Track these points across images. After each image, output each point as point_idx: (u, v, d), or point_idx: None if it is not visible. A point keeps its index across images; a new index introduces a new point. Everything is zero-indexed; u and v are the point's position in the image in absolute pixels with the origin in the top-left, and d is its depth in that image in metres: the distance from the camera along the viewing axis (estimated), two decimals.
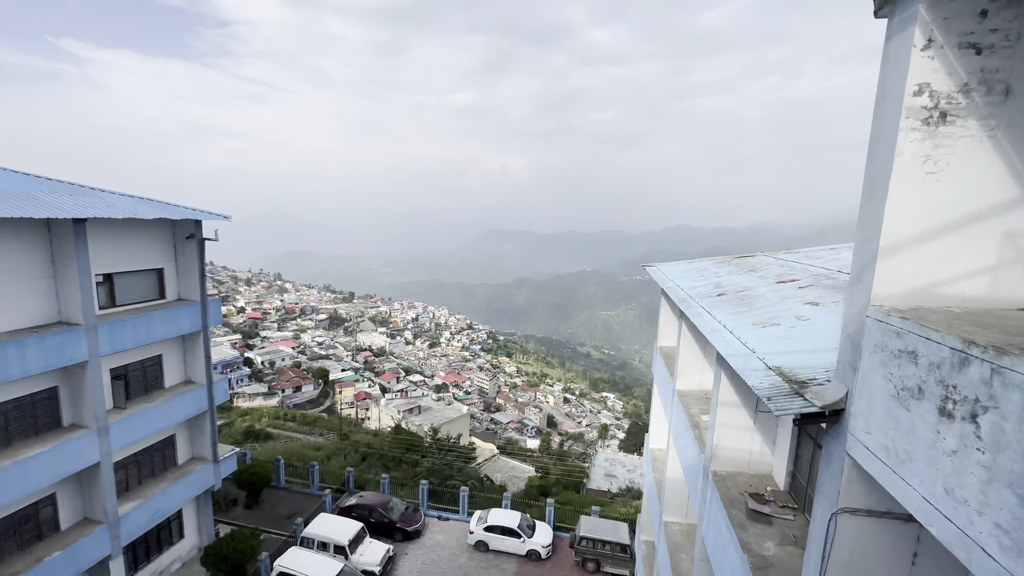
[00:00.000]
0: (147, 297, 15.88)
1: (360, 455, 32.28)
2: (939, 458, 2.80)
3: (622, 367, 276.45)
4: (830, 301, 6.38)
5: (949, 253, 3.36)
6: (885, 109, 3.42)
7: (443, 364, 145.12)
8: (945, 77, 3.18)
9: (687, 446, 8.90)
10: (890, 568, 3.76)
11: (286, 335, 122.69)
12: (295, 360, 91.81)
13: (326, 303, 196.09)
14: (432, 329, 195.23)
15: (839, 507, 3.71)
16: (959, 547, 2.63)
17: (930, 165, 3.29)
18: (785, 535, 5.89)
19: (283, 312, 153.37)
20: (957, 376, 2.73)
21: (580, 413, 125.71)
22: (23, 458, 12.28)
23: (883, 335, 3.36)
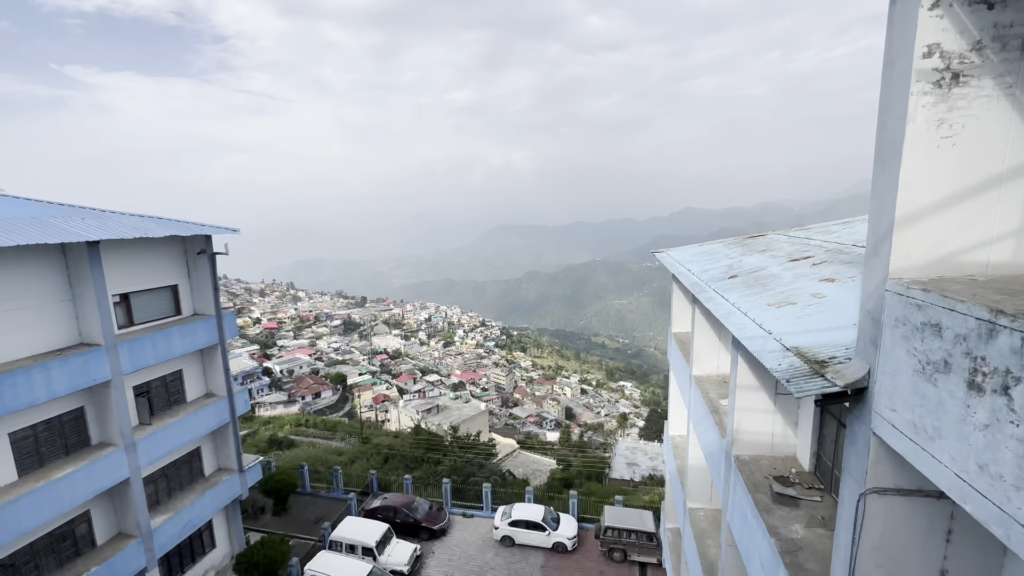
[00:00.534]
0: (164, 314, 16.13)
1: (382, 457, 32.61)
2: (970, 433, 2.70)
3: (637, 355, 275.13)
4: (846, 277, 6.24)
5: (969, 219, 3.23)
6: (894, 74, 3.28)
7: (458, 363, 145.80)
8: (956, 36, 3.04)
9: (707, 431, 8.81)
10: (923, 547, 3.66)
11: (302, 343, 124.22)
12: (313, 367, 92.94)
13: (339, 309, 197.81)
14: (445, 328, 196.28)
15: (867, 487, 3.62)
16: (996, 524, 2.54)
17: (944, 129, 3.16)
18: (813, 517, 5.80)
19: (298, 320, 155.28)
20: (985, 347, 2.62)
21: (598, 404, 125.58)
22: (56, 478, 12.60)
23: (904, 309, 3.25)
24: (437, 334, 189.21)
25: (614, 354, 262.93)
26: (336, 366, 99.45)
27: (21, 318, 12.65)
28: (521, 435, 71.42)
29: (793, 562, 5.17)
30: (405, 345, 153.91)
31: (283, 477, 22.83)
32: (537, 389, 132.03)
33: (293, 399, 69.73)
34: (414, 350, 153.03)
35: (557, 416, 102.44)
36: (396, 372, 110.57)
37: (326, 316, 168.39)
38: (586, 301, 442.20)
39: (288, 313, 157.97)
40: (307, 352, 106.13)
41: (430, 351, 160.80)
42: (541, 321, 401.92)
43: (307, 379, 79.49)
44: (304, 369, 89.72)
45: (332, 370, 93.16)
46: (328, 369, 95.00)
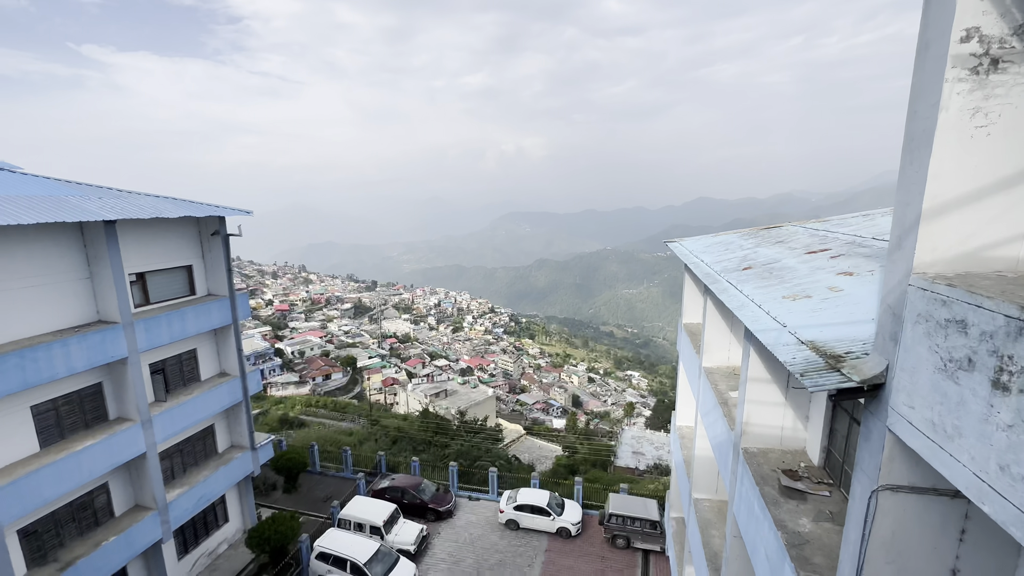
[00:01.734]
0: (178, 294, 16.37)
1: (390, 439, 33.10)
2: (993, 433, 2.63)
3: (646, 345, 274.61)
4: (865, 270, 6.11)
5: (1000, 213, 3.11)
6: (927, 60, 3.14)
7: (467, 348, 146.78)
8: (997, 19, 2.89)
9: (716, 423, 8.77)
10: (935, 546, 3.62)
11: (313, 325, 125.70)
12: (323, 349, 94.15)
13: (350, 293, 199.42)
14: (455, 314, 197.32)
15: (880, 484, 3.57)
16: (1015, 526, 2.48)
17: (980, 118, 3.02)
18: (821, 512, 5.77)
19: (309, 303, 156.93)
20: (1013, 346, 2.54)
21: (605, 392, 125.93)
22: (76, 450, 12.98)
23: (928, 304, 3.16)
24: (446, 319, 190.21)
25: (622, 343, 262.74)
26: (346, 349, 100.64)
27: (41, 295, 12.92)
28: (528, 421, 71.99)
29: (799, 556, 5.16)
30: (414, 330, 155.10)
31: (294, 456, 23.30)
32: (544, 376, 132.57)
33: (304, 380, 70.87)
34: (423, 335, 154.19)
35: (564, 403, 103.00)
36: (405, 356, 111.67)
37: (337, 299, 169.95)
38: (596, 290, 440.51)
39: (300, 295, 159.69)
40: (318, 334, 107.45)
41: (439, 336, 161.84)
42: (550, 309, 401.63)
43: (318, 361, 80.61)
44: (315, 351, 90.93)
45: (342, 353, 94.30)
46: (338, 352, 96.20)
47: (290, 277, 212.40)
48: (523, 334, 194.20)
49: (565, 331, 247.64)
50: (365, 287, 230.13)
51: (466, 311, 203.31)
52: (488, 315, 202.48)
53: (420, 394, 61.04)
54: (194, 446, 17.31)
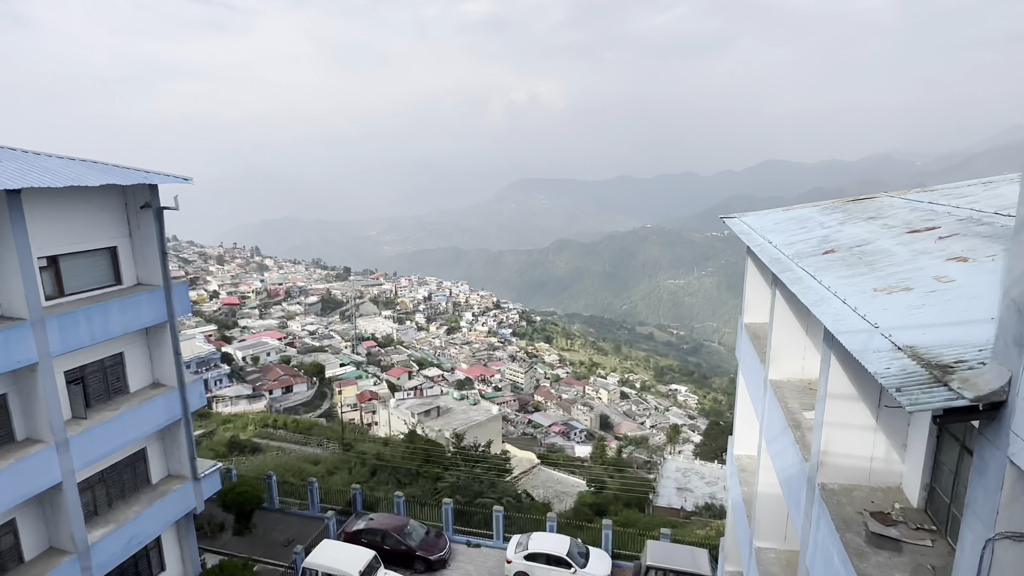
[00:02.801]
0: (100, 283, 16.62)
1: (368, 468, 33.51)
2: None
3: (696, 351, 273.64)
4: (984, 255, 6.04)
5: None
6: None
7: (465, 354, 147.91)
8: None
9: (785, 452, 8.78)
10: None
11: (270, 323, 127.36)
12: (283, 354, 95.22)
13: (317, 282, 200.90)
14: (449, 310, 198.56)
15: (997, 531, 3.56)
16: None
17: None
18: (920, 566, 5.77)
19: (265, 295, 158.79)
20: None
21: (642, 411, 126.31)
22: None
23: None
24: (439, 317, 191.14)
25: (665, 348, 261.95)
26: (312, 354, 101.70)
27: None
28: (543, 448, 72.30)
29: None
30: (398, 330, 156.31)
31: (246, 489, 23.69)
32: (564, 390, 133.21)
33: (258, 393, 71.78)
34: (409, 336, 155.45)
35: (589, 426, 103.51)
36: (387, 364, 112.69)
37: (300, 291, 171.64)
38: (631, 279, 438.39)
39: (253, 286, 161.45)
40: (276, 335, 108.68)
41: (430, 338, 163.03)
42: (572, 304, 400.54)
43: (276, 369, 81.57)
44: (272, 356, 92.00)
45: (307, 359, 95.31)
46: (302, 357, 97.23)
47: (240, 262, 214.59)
48: (537, 336, 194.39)
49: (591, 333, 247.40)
50: (335, 275, 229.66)
51: (464, 307, 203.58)
52: (492, 312, 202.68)
53: (405, 412, 61.56)
54: (122, 475, 17.67)
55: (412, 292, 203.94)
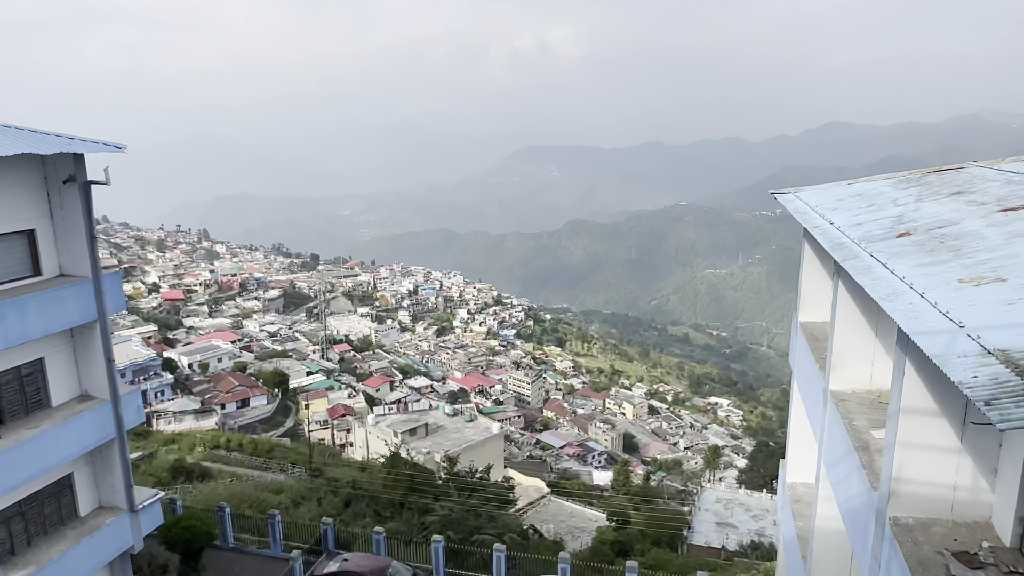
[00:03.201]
0: (14, 274, 16.64)
1: (341, 499, 33.66)
2: None
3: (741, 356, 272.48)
4: None
5: None
6: None
7: (459, 360, 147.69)
8: None
9: (849, 478, 8.77)
10: None
11: (222, 323, 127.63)
12: (238, 360, 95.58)
13: (278, 273, 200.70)
14: (440, 307, 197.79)
15: None
16: None
17: None
18: None
19: (215, 289, 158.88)
20: None
21: (675, 430, 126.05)
22: None
23: None
24: (427, 315, 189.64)
25: (703, 353, 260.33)
26: (273, 360, 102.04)
27: None
28: (553, 474, 72.44)
29: None
30: (378, 331, 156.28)
31: (194, 523, 23.83)
32: (580, 404, 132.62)
33: (208, 408, 72.09)
34: (391, 338, 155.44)
35: (610, 447, 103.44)
36: (364, 372, 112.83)
37: (258, 283, 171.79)
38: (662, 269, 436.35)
39: (200, 277, 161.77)
40: (229, 337, 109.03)
41: (416, 341, 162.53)
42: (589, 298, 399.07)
43: (229, 378, 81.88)
44: (224, 363, 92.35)
45: (267, 366, 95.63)
46: (261, 364, 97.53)
47: (185, 249, 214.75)
48: (547, 338, 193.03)
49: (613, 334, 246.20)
50: (301, 264, 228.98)
51: (458, 302, 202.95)
52: (492, 309, 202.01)
53: (387, 430, 61.76)
54: (43, 507, 17.78)
55: (394, 285, 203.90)
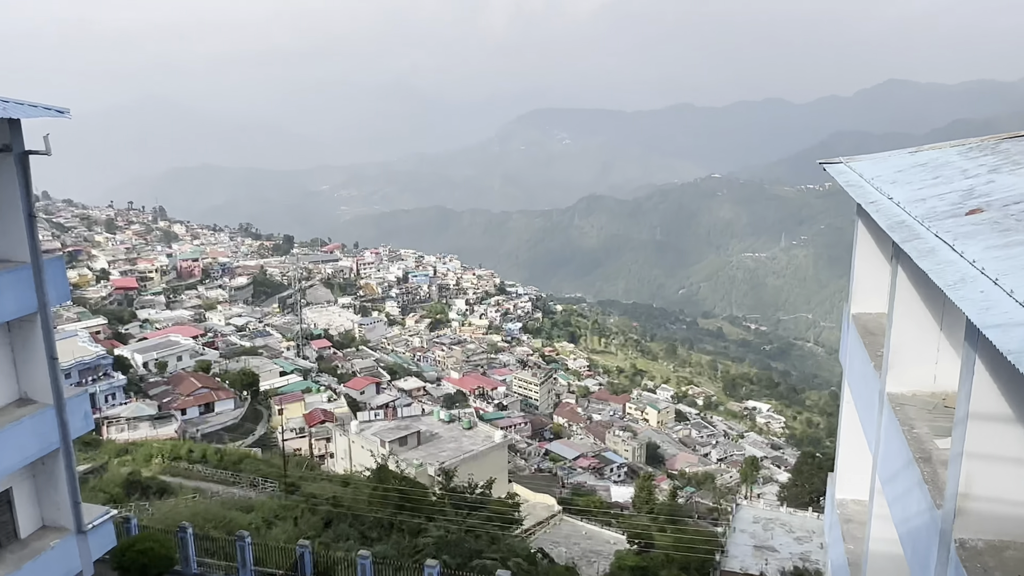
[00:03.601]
0: None
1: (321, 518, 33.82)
2: None
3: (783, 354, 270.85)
4: None
5: None
6: None
7: (456, 358, 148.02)
8: None
9: (908, 495, 8.77)
10: None
11: (182, 315, 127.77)
12: (200, 359, 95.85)
13: (247, 257, 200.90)
14: (434, 296, 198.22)
15: None
16: None
17: None
18: None
19: (174, 276, 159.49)
20: None
21: (706, 439, 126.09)
22: None
23: None
24: (419, 306, 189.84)
25: (740, 350, 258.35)
26: (241, 358, 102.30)
27: None
28: (565, 489, 72.53)
29: None
30: (362, 325, 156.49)
31: (151, 545, 23.97)
32: (597, 409, 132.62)
33: (167, 413, 72.32)
34: (378, 333, 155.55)
35: (631, 458, 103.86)
36: (346, 372, 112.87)
37: (223, 269, 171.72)
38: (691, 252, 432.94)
39: (156, 262, 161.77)
40: (190, 332, 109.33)
41: (406, 336, 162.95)
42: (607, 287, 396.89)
43: (190, 379, 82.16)
44: (185, 362, 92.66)
45: (234, 365, 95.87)
46: (227, 363, 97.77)
47: (139, 229, 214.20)
48: (558, 333, 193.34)
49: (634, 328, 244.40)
50: (273, 247, 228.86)
51: (455, 291, 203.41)
52: (495, 299, 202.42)
53: (373, 439, 61.94)
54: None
55: (381, 271, 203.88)
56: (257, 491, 41.39)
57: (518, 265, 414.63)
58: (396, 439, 61.67)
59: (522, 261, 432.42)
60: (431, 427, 66.94)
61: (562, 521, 56.17)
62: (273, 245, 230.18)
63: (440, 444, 62.62)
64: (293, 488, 40.34)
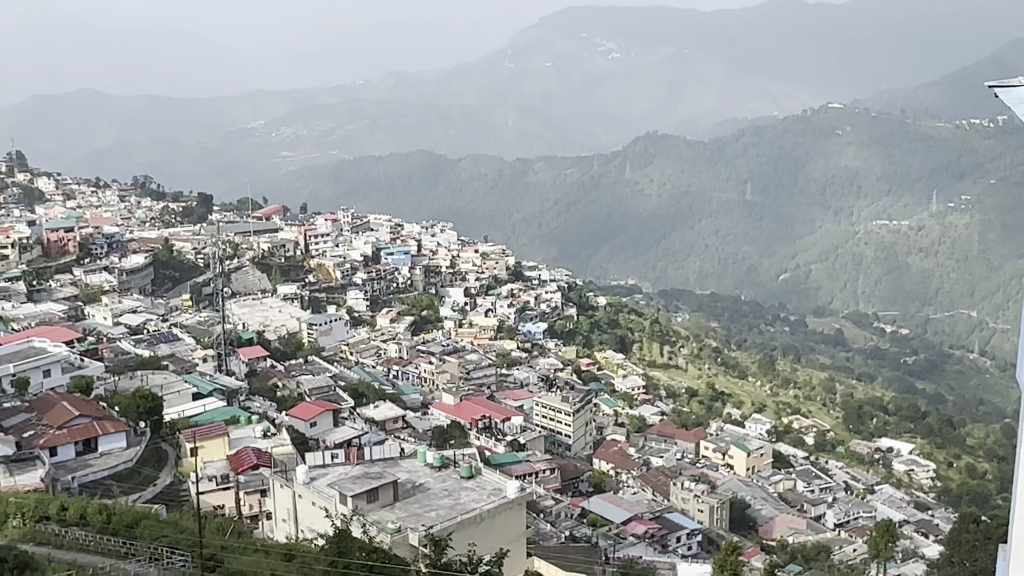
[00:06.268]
0: None
1: None
2: None
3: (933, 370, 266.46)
4: None
5: None
6: None
7: (451, 375, 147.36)
8: None
9: None
10: None
11: (49, 311, 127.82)
12: (77, 375, 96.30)
13: (143, 226, 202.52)
14: (418, 283, 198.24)
15: None
16: None
17: None
18: None
19: (37, 252, 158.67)
20: None
21: (819, 494, 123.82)
22: None
23: None
24: (396, 298, 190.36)
25: (869, 363, 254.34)
26: (136, 374, 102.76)
27: None
28: (612, 566, 72.51)
29: None
30: (312, 326, 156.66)
31: None
32: (658, 450, 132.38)
33: (29, 454, 72.75)
34: (335, 337, 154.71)
35: (707, 522, 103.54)
36: (289, 395, 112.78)
37: (111, 242, 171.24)
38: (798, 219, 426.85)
39: (12, 233, 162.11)
40: (62, 335, 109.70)
41: (377, 341, 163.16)
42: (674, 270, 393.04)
43: (62, 405, 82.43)
44: (56, 378, 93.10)
45: (127, 384, 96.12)
46: (116, 380, 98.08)
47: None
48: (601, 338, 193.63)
49: (714, 331, 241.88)
50: (183, 211, 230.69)
51: (449, 276, 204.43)
52: (508, 286, 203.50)
53: (328, 493, 62.15)
54: None
55: (341, 246, 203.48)
56: (160, 568, 41.66)
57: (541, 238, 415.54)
58: (363, 492, 61.83)
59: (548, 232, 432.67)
60: (414, 475, 67.05)
61: None
62: (183, 208, 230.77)
63: (427, 500, 62.72)
64: (213, 564, 40.59)
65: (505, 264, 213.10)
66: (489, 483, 66.83)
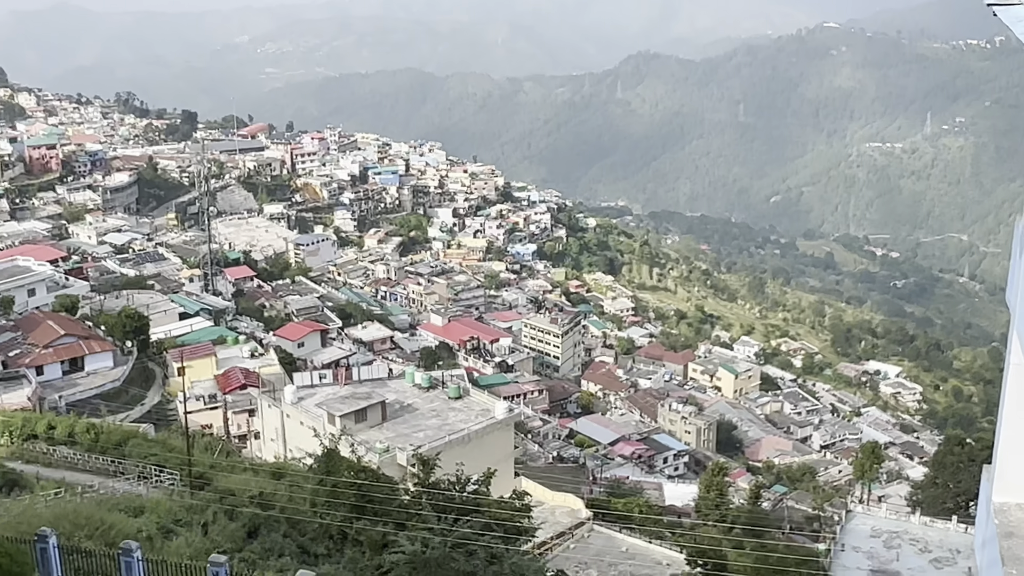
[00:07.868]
0: None
1: (242, 524, 34.25)
2: None
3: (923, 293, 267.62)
4: None
5: None
6: None
7: (439, 296, 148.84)
8: None
9: None
10: None
11: (32, 229, 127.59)
12: (62, 293, 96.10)
13: (127, 143, 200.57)
14: (406, 203, 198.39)
15: None
16: None
17: None
18: None
19: (20, 170, 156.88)
20: None
21: (806, 416, 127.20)
22: None
23: None
24: (384, 218, 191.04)
25: (859, 287, 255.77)
26: (122, 293, 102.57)
27: None
28: (598, 487, 73.28)
29: None
30: (300, 246, 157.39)
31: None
32: (646, 372, 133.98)
33: (15, 373, 72.83)
34: (323, 258, 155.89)
35: (694, 443, 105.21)
36: (276, 315, 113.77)
37: (93, 161, 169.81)
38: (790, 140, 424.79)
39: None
40: (47, 254, 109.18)
41: (365, 262, 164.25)
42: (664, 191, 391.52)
43: (48, 324, 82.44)
44: (41, 297, 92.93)
45: (113, 303, 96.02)
46: (101, 300, 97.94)
47: None
48: (591, 260, 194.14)
49: (703, 253, 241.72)
50: (167, 128, 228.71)
51: (437, 196, 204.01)
52: (497, 207, 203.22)
53: (317, 412, 62.43)
54: None
55: (328, 165, 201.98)
56: (149, 485, 41.82)
57: (531, 158, 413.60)
58: (351, 412, 62.11)
59: (537, 152, 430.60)
60: (402, 395, 67.35)
61: (593, 532, 56.91)
62: (167, 126, 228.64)
63: (416, 420, 63.07)
64: (202, 482, 40.79)
65: (494, 184, 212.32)
66: (477, 404, 67.31)
